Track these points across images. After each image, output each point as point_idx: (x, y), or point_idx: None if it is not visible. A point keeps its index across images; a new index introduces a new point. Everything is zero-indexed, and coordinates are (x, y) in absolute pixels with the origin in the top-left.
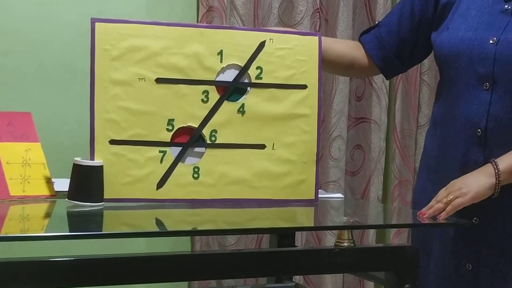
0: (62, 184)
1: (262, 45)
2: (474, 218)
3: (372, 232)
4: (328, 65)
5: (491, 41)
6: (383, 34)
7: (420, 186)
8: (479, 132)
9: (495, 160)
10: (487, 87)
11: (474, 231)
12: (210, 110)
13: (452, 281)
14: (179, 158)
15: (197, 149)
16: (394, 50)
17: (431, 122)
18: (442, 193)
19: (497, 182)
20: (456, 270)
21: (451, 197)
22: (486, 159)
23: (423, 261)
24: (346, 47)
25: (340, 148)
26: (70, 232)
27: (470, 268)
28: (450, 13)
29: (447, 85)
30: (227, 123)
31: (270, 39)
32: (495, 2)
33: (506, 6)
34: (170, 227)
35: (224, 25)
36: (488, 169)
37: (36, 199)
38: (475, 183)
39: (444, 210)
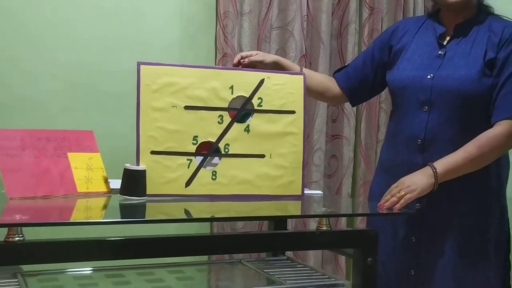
0: (116, 183)
1: (262, 81)
2: (417, 204)
3: (344, 219)
4: (309, 89)
5: (428, 77)
6: (350, 72)
7: (376, 184)
8: (419, 142)
9: (433, 164)
10: (426, 110)
11: (418, 214)
12: (224, 129)
13: (398, 251)
14: (201, 165)
15: (214, 158)
16: (358, 83)
17: (385, 136)
18: (394, 188)
19: (435, 181)
20: (403, 242)
21: (403, 193)
22: (423, 161)
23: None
24: (324, 78)
25: (320, 157)
26: (121, 218)
27: (414, 240)
28: (400, 57)
29: (397, 109)
30: (236, 138)
31: (268, 77)
32: (432, 49)
33: (439, 52)
34: (194, 215)
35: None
36: (428, 171)
37: (96, 194)
38: (420, 182)
39: (397, 203)
